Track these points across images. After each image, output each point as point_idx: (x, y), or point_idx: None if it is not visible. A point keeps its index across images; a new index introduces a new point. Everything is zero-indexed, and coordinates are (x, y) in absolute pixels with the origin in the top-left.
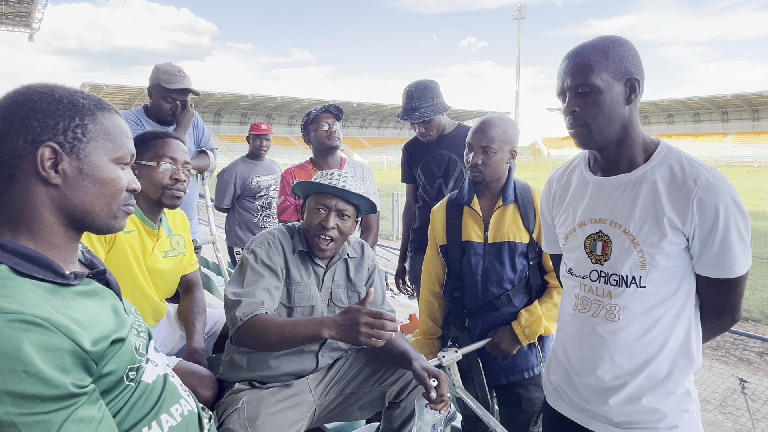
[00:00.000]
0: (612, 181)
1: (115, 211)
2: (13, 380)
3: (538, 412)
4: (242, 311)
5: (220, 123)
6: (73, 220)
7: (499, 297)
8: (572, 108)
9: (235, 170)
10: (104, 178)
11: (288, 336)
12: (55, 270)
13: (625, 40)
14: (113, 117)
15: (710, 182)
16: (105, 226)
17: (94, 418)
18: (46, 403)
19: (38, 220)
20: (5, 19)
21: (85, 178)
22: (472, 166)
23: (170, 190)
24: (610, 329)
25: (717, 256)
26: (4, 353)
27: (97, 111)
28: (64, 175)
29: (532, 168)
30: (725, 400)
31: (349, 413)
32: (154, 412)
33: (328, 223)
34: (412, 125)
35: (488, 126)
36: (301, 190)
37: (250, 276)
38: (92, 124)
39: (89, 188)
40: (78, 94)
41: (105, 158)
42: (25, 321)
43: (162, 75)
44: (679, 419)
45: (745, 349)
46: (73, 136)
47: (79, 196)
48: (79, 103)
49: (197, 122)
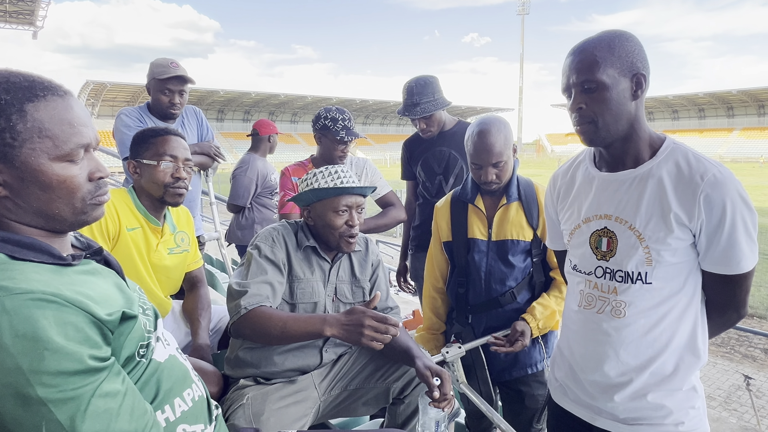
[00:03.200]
0: (618, 177)
1: (80, 208)
2: (36, 360)
3: (541, 408)
4: (247, 301)
5: (223, 120)
6: (41, 222)
7: (504, 294)
8: (578, 105)
9: (256, 168)
10: (51, 181)
11: (289, 331)
12: (52, 253)
13: (630, 34)
14: (51, 104)
15: (717, 178)
16: (76, 222)
17: (119, 391)
18: (72, 378)
19: (11, 226)
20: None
21: (29, 185)
22: (487, 183)
23: (172, 188)
24: (615, 326)
25: (724, 252)
26: (23, 334)
27: (26, 103)
28: (8, 186)
29: (535, 164)
30: (730, 397)
31: (354, 409)
32: (165, 394)
33: (354, 221)
34: (413, 121)
35: (490, 142)
36: (312, 196)
37: (255, 269)
38: (21, 122)
39: (39, 195)
40: (0, 86)
41: (45, 159)
42: (37, 299)
43: (155, 69)
44: (685, 415)
45: (750, 346)
46: (2, 143)
47: (32, 204)
48: (1, 100)
49: (201, 120)
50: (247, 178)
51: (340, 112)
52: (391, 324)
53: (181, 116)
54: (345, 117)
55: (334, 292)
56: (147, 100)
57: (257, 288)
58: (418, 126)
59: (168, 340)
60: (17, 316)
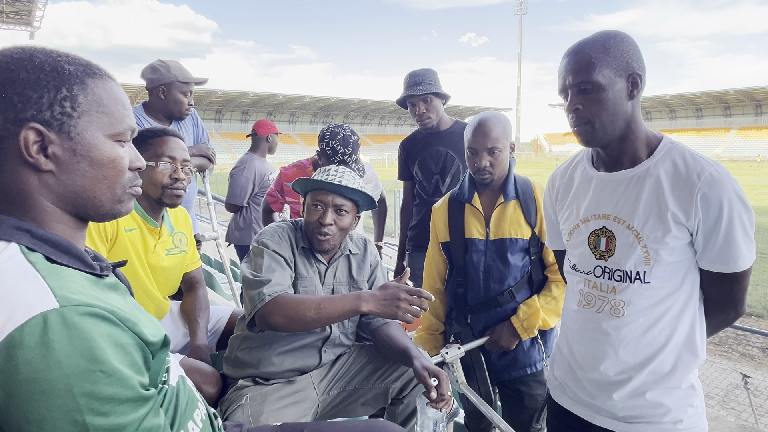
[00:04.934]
0: (615, 177)
1: (119, 195)
2: (90, 381)
3: (540, 408)
4: (271, 289)
5: (221, 121)
6: (75, 207)
7: (502, 293)
8: (575, 106)
9: (254, 168)
10: (102, 158)
11: (325, 311)
12: (84, 260)
13: (625, 34)
14: (107, 84)
15: (714, 177)
16: (110, 212)
17: (160, 426)
18: (122, 406)
19: (39, 208)
20: (6, 18)
21: (81, 160)
22: (481, 170)
23: (170, 189)
24: (614, 325)
25: (721, 250)
26: (80, 351)
27: (87, 78)
28: (56, 159)
29: (534, 164)
30: (728, 396)
31: (352, 409)
32: (181, 420)
33: (325, 219)
34: (412, 108)
35: (488, 127)
36: (300, 188)
37: (269, 261)
38: (82, 94)
39: (87, 171)
40: (62, 58)
41: (101, 135)
42: (94, 315)
43: (176, 72)
44: (683, 413)
45: (748, 345)
46: (61, 111)
47: (77, 182)
48: (65, 70)
49: (197, 121)
50: (243, 177)
51: (344, 144)
52: (424, 297)
53: None
54: (346, 151)
55: (331, 293)
56: (144, 100)
57: (278, 277)
58: (418, 110)
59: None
60: (77, 331)
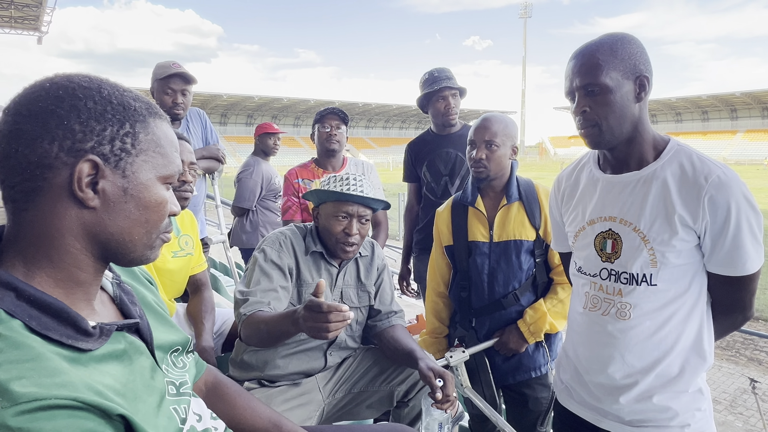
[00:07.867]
0: (622, 179)
1: (153, 240)
2: None
3: (545, 411)
4: (247, 308)
5: (227, 124)
6: (104, 250)
7: (506, 296)
8: (582, 108)
9: (261, 171)
10: (150, 200)
11: (271, 331)
12: (77, 325)
13: (632, 37)
14: (164, 125)
15: (721, 179)
16: (139, 257)
17: None
18: None
19: (62, 249)
20: (15, 23)
21: (129, 200)
22: (476, 161)
23: (177, 192)
24: (620, 327)
25: (729, 253)
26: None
27: (149, 117)
28: (104, 196)
29: (539, 167)
30: (735, 401)
31: (358, 412)
32: None
33: (352, 230)
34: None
35: (489, 122)
36: (318, 198)
37: (258, 275)
38: (143, 132)
39: (131, 213)
40: (128, 94)
41: (153, 176)
42: (47, 407)
43: (157, 71)
44: (691, 417)
45: (756, 349)
46: (121, 147)
47: (118, 222)
48: (131, 106)
49: (205, 123)
50: (252, 180)
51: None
52: (342, 311)
53: (186, 119)
54: (328, 107)
55: (340, 297)
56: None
57: (258, 295)
58: (449, 104)
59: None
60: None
